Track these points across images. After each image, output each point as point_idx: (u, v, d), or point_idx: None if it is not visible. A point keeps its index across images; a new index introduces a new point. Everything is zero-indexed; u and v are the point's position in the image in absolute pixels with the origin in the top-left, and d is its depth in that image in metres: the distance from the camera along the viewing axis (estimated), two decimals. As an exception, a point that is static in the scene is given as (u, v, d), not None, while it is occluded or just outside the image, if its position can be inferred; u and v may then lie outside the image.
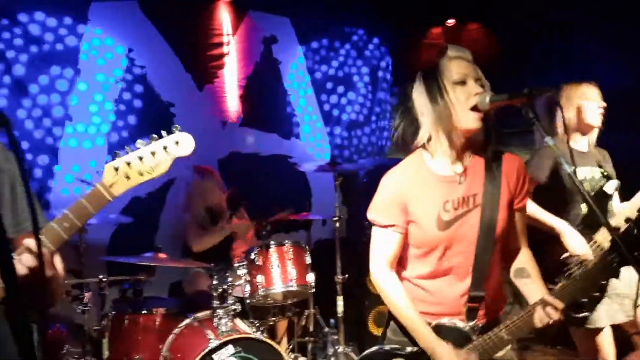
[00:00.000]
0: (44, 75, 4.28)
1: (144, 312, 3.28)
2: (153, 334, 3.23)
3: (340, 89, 5.72)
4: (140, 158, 1.53)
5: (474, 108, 1.79)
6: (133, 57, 4.65)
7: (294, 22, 5.40)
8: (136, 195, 4.59)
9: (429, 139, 1.89)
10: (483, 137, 1.88)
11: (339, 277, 3.76)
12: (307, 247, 3.52)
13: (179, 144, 1.60)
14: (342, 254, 3.85)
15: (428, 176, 1.90)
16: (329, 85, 5.67)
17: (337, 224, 3.84)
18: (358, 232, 4.53)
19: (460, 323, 1.87)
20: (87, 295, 3.32)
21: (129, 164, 1.52)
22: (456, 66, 1.84)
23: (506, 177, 1.90)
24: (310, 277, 3.42)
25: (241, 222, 4.00)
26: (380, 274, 1.96)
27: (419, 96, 1.89)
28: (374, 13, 5.52)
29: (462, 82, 1.81)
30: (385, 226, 1.93)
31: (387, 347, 1.95)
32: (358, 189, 5.19)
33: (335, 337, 3.91)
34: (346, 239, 3.99)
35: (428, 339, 1.84)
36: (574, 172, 1.66)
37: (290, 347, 3.94)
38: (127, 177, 1.51)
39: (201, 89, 4.98)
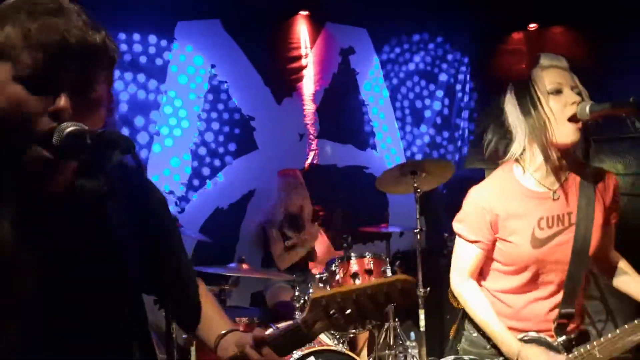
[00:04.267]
0: (134, 92, 4.51)
1: (228, 321, 3.36)
2: (237, 343, 3.29)
3: (418, 99, 5.65)
4: (356, 300, 1.26)
5: (572, 119, 1.71)
6: (216, 73, 4.82)
7: (371, 33, 5.40)
8: (219, 207, 4.74)
9: (522, 153, 1.83)
10: (581, 153, 1.82)
11: (421, 291, 3.69)
12: (387, 259, 3.49)
13: (404, 291, 1.27)
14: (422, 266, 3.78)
15: (520, 192, 1.84)
16: (407, 94, 5.62)
17: (418, 236, 3.77)
18: (437, 244, 4.44)
19: (549, 338, 1.83)
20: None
21: (339, 303, 1.26)
22: (550, 75, 1.77)
23: (601, 194, 1.84)
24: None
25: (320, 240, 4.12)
26: (462, 283, 1.94)
27: (511, 108, 1.84)
28: (452, 20, 5.41)
29: (558, 92, 1.74)
30: (471, 242, 1.90)
31: (465, 358, 1.93)
32: (436, 201, 5.09)
33: (416, 351, 3.83)
34: (425, 251, 3.92)
35: (514, 344, 1.79)
36: None
37: (371, 359, 3.91)
38: (333, 324, 1.28)
39: (280, 102, 5.08)
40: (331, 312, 1.23)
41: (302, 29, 5.14)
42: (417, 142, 5.63)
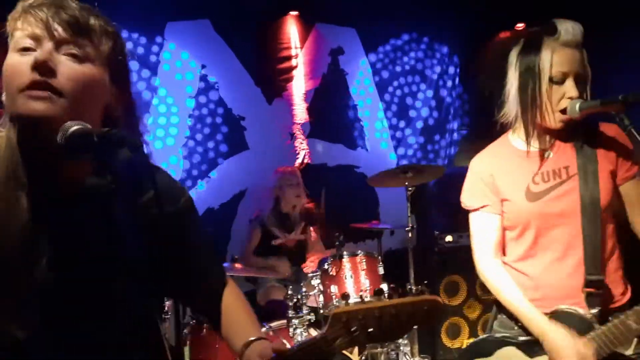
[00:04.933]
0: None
1: (221, 320, 3.35)
2: (230, 343, 3.30)
3: (407, 98, 5.68)
4: (379, 318, 1.22)
5: (563, 110, 1.72)
6: (206, 73, 4.82)
7: (360, 33, 5.43)
8: (210, 207, 4.74)
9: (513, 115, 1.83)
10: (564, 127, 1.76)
11: (412, 288, 3.72)
12: (379, 257, 3.51)
13: (430, 312, 1.22)
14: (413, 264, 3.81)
15: (513, 152, 1.86)
16: (396, 93, 5.65)
17: (410, 234, 3.80)
18: (428, 242, 4.47)
19: (581, 310, 1.71)
20: (167, 304, 3.42)
21: (361, 321, 1.21)
22: (560, 59, 1.70)
23: (602, 146, 1.77)
24: (384, 288, 3.40)
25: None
26: (485, 263, 1.87)
27: (511, 67, 1.79)
28: (440, 19, 5.45)
29: (561, 81, 1.71)
30: (479, 208, 1.88)
31: (497, 335, 1.85)
32: (427, 199, 5.12)
33: (408, 348, 3.86)
34: (417, 248, 3.95)
35: (540, 324, 1.70)
36: None
37: (363, 358, 3.92)
38: (352, 341, 1.23)
39: (270, 102, 5.08)
40: (352, 329, 1.18)
41: (292, 29, 5.15)
42: (407, 140, 5.66)
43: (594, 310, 1.70)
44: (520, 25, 5.76)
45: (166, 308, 3.40)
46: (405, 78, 5.67)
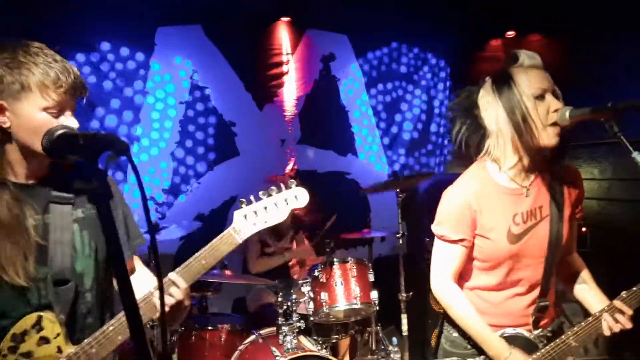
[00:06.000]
0: (115, 99, 4.48)
1: (210, 328, 3.34)
2: (219, 350, 3.28)
3: (398, 104, 5.69)
4: (265, 208, 1.73)
5: (553, 124, 1.73)
6: (197, 79, 4.80)
7: (351, 39, 5.43)
8: (200, 212, 4.72)
9: (497, 151, 1.84)
10: (554, 152, 1.82)
11: (403, 295, 3.70)
12: (370, 264, 3.50)
13: (298, 198, 1.77)
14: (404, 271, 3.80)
15: (495, 189, 1.86)
16: (387, 100, 5.66)
17: (400, 241, 3.79)
18: (418, 249, 4.46)
19: (526, 332, 1.86)
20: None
21: (255, 212, 1.73)
22: (533, 78, 1.76)
23: (568, 189, 1.88)
24: (374, 295, 3.38)
25: (302, 249, 4.07)
26: (444, 286, 1.92)
27: (489, 106, 1.81)
28: (431, 26, 5.48)
29: (541, 97, 1.75)
30: (454, 241, 1.88)
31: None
32: (417, 206, 5.12)
33: (398, 355, 3.84)
34: (407, 255, 3.94)
35: (499, 348, 1.82)
36: None
37: (353, 365, 3.90)
38: (254, 224, 1.72)
39: (261, 108, 5.07)
40: None
41: (283, 35, 5.15)
42: (398, 147, 5.67)
43: (537, 332, 1.88)
44: (510, 33, 5.81)
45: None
46: (396, 85, 5.68)
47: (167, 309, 1.58)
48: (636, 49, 4.48)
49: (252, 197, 1.74)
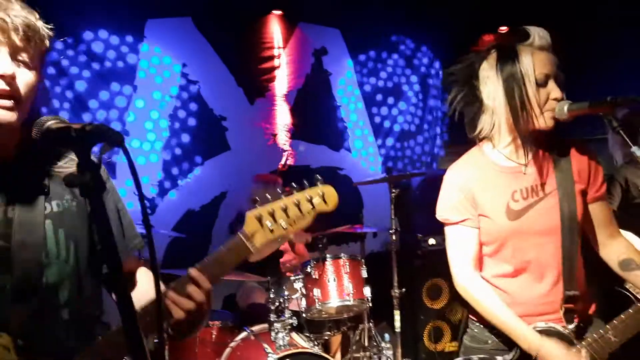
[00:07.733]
0: (104, 91, 4.41)
1: (201, 325, 3.29)
2: (209, 347, 3.24)
3: (391, 99, 5.66)
4: (285, 209, 1.36)
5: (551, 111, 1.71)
6: (187, 72, 4.74)
7: (344, 34, 5.39)
8: (190, 208, 4.67)
9: (492, 129, 1.81)
10: (550, 131, 1.77)
11: (395, 291, 3.68)
12: (362, 260, 3.47)
13: (326, 198, 1.42)
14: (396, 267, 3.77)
15: (491, 167, 1.83)
16: (379, 96, 5.62)
17: (393, 237, 3.77)
18: (411, 245, 4.45)
19: (559, 327, 1.75)
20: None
21: (272, 214, 1.36)
22: (540, 62, 1.72)
23: (576, 164, 1.80)
24: (367, 291, 3.36)
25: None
26: (465, 276, 1.85)
27: (489, 81, 1.77)
28: (423, 20, 5.45)
29: (544, 83, 1.71)
30: (457, 222, 1.84)
31: (475, 358, 1.84)
32: (410, 202, 5.10)
33: (391, 352, 3.82)
34: (400, 251, 3.92)
35: (531, 338, 1.70)
36: None
37: (345, 361, 3.88)
38: (271, 231, 1.35)
39: (252, 102, 5.02)
40: (266, 224, 1.35)
41: (275, 28, 5.09)
42: (391, 142, 5.64)
43: (571, 326, 1.75)
44: (503, 29, 5.78)
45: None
46: (389, 79, 5.65)
47: (184, 314, 1.27)
48: (633, 48, 4.49)
49: (268, 195, 1.38)
